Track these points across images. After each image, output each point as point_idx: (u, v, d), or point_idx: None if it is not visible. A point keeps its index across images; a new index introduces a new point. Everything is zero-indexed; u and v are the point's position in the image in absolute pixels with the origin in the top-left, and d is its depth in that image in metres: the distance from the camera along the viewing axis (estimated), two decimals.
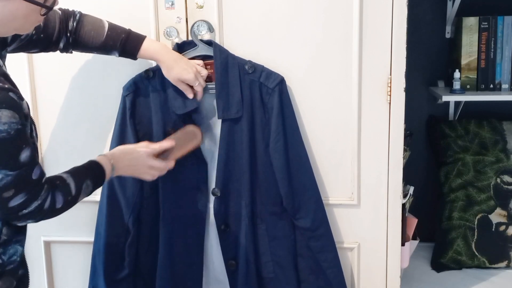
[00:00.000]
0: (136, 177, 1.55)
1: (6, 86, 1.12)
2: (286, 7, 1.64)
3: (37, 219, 1.23)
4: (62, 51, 1.55)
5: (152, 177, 1.54)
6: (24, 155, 1.15)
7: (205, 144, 1.71)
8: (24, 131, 1.15)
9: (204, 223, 1.73)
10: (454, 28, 2.27)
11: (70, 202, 1.28)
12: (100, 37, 1.53)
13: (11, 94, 1.12)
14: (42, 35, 1.46)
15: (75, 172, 1.32)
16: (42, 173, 1.21)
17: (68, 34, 1.51)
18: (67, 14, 1.51)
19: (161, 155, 1.55)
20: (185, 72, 1.57)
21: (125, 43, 1.54)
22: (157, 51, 1.57)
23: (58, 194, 1.24)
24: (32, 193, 1.18)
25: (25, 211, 1.18)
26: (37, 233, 1.83)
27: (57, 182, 1.26)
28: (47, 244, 1.89)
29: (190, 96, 1.61)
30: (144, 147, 1.51)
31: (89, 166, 1.38)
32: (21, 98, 1.15)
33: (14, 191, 1.15)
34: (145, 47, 1.55)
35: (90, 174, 1.35)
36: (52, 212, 1.24)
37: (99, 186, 1.40)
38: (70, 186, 1.28)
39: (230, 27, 1.67)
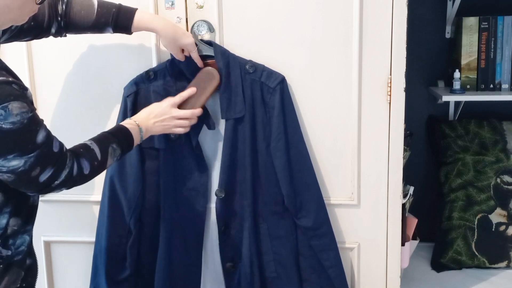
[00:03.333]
0: (169, 133, 1.55)
1: (10, 79, 1.14)
2: (286, 7, 1.64)
3: (68, 187, 1.26)
4: (55, 35, 1.54)
5: (184, 129, 1.55)
6: (40, 136, 1.18)
7: (207, 144, 1.71)
8: (35, 115, 1.18)
9: (203, 224, 1.73)
10: (454, 28, 2.27)
11: (97, 167, 1.31)
12: (91, 15, 1.52)
13: (14, 86, 1.14)
14: (32, 23, 1.45)
15: (100, 138, 1.35)
16: (61, 144, 1.24)
17: (59, 18, 1.51)
18: None
19: (186, 104, 1.56)
20: (185, 37, 1.58)
21: (117, 18, 1.53)
22: (151, 20, 1.56)
23: (84, 161, 1.27)
24: (58, 164, 1.21)
25: (57, 182, 1.22)
26: (37, 233, 1.82)
27: (80, 150, 1.29)
28: (47, 244, 1.90)
29: (182, 58, 1.61)
30: (167, 101, 1.53)
31: (114, 130, 1.40)
32: (24, 88, 1.17)
33: (40, 168, 1.18)
34: (138, 18, 1.54)
35: (115, 138, 1.37)
36: (82, 178, 1.27)
37: (129, 150, 1.42)
38: (95, 151, 1.30)
39: (230, 27, 1.67)
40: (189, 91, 1.57)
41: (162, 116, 1.51)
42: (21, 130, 1.14)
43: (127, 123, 1.44)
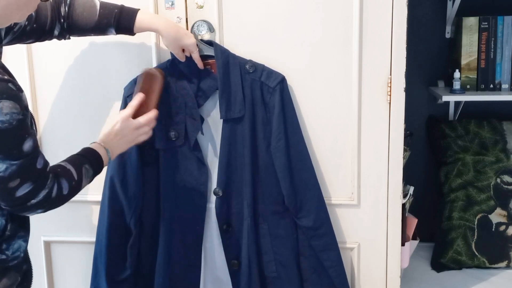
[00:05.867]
0: (135, 144, 1.52)
1: (6, 77, 1.12)
2: (286, 7, 1.64)
3: (45, 209, 1.23)
4: (58, 38, 1.54)
5: (146, 135, 1.51)
6: (27, 144, 1.15)
7: (206, 144, 1.71)
8: (25, 121, 1.15)
9: (203, 223, 1.73)
10: (454, 28, 2.27)
11: (75, 187, 1.28)
12: (93, 17, 1.51)
13: (10, 85, 1.12)
14: (35, 25, 1.45)
15: (72, 159, 1.32)
16: (46, 163, 1.22)
17: (62, 20, 1.50)
18: (58, 1, 1.50)
19: (139, 111, 1.50)
20: (186, 37, 1.58)
21: (119, 19, 1.52)
22: (153, 21, 1.56)
23: (63, 181, 1.24)
24: (38, 183, 1.18)
25: (33, 201, 1.18)
26: (37, 233, 1.83)
27: (58, 169, 1.26)
28: (47, 244, 1.90)
29: (183, 59, 1.61)
30: (123, 116, 1.48)
31: (83, 152, 1.37)
32: (20, 89, 1.14)
33: (20, 181, 1.15)
34: (140, 19, 1.53)
35: (86, 159, 1.34)
36: (59, 199, 1.24)
37: (99, 171, 1.39)
38: (71, 171, 1.28)
39: (230, 27, 1.67)
40: (137, 98, 1.52)
41: (121, 131, 1.46)
42: (9, 131, 1.11)
43: (94, 146, 1.41)
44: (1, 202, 1.18)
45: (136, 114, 1.49)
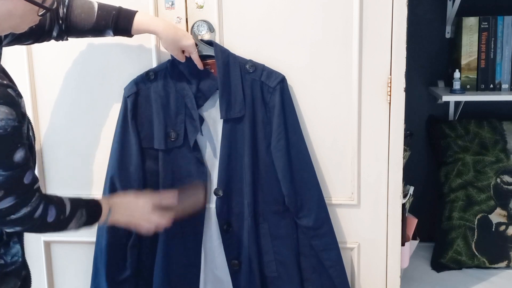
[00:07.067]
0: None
1: (5, 82, 1.11)
2: (286, 7, 1.64)
3: (25, 228, 1.19)
4: (56, 39, 1.54)
5: (147, 230, 1.51)
6: (19, 155, 1.13)
7: (206, 144, 1.71)
8: (21, 129, 1.13)
9: (202, 223, 1.72)
10: (454, 28, 2.27)
11: (62, 221, 1.25)
12: (91, 18, 1.51)
13: (9, 90, 1.11)
14: (34, 26, 1.44)
15: (73, 199, 1.31)
16: (35, 179, 1.19)
17: (60, 22, 1.50)
18: (56, 2, 1.50)
19: (162, 206, 1.52)
20: (185, 38, 1.57)
21: (117, 20, 1.52)
22: (151, 23, 1.56)
23: (52, 208, 1.21)
24: (22, 198, 1.15)
25: (13, 216, 1.15)
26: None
27: (54, 198, 1.24)
28: (47, 244, 1.89)
29: (183, 59, 1.61)
30: (146, 199, 1.48)
31: (88, 200, 1.37)
32: (19, 95, 1.13)
33: (4, 193, 1.12)
34: (138, 20, 1.53)
35: (87, 206, 1.33)
36: (42, 224, 1.20)
37: (92, 223, 1.37)
38: (66, 206, 1.26)
39: (230, 27, 1.67)
40: (171, 200, 1.53)
41: (135, 212, 1.47)
42: (2, 138, 1.09)
43: (101, 200, 1.40)
44: None
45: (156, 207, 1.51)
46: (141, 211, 1.47)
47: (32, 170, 1.18)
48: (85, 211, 1.32)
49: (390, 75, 1.64)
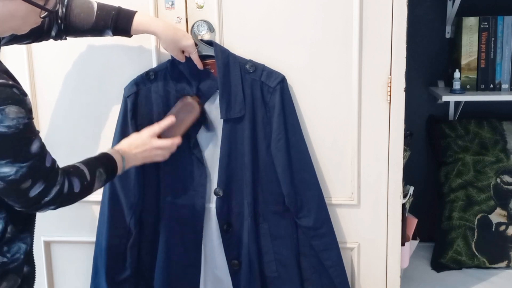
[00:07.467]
0: (150, 162, 1.56)
1: (10, 82, 1.13)
2: (286, 7, 1.64)
3: (57, 205, 1.25)
4: (55, 39, 1.54)
5: (163, 157, 1.56)
6: (35, 146, 1.17)
7: (206, 144, 1.71)
8: (31, 124, 1.17)
9: (202, 223, 1.72)
10: (454, 28, 2.27)
11: (86, 187, 1.30)
12: (90, 18, 1.51)
13: (15, 90, 1.13)
14: None
15: (88, 162, 1.35)
16: (53, 160, 1.24)
17: (59, 21, 1.50)
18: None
19: (165, 133, 1.56)
20: (184, 39, 1.58)
21: (116, 20, 1.52)
22: (151, 23, 1.56)
23: (74, 179, 1.27)
24: (49, 180, 1.21)
25: (46, 199, 1.21)
26: (37, 233, 1.81)
27: (70, 169, 1.29)
28: (47, 244, 1.90)
29: (183, 60, 1.61)
30: (148, 131, 1.53)
31: (100, 156, 1.40)
32: (24, 94, 1.16)
33: (32, 181, 1.17)
34: (137, 21, 1.53)
35: (101, 163, 1.37)
36: (71, 196, 1.26)
37: (112, 177, 1.42)
38: (84, 172, 1.30)
39: (230, 27, 1.67)
40: (169, 121, 1.57)
41: (143, 147, 1.51)
42: (16, 135, 1.13)
43: (111, 151, 1.44)
44: (15, 204, 1.20)
45: (161, 135, 1.55)
46: (150, 144, 1.52)
47: (49, 153, 1.23)
48: (103, 169, 1.36)
49: (390, 75, 1.64)
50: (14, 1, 1.13)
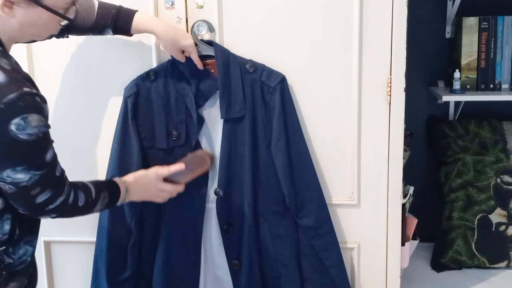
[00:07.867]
0: (149, 201, 1.59)
1: (34, 91, 1.16)
2: (286, 7, 1.64)
3: (58, 214, 1.27)
4: (57, 37, 1.55)
5: (163, 199, 1.58)
6: (49, 154, 1.20)
7: (206, 144, 1.71)
8: (48, 132, 1.20)
9: (202, 223, 1.73)
10: (454, 28, 2.27)
11: (90, 204, 1.32)
12: (91, 17, 1.52)
13: (37, 98, 1.15)
14: None
15: (94, 182, 1.38)
16: (63, 170, 1.26)
17: None
18: None
19: (172, 176, 1.58)
20: (184, 38, 1.58)
21: (116, 20, 1.53)
22: (151, 23, 1.57)
23: (81, 193, 1.29)
24: (57, 189, 1.23)
25: (51, 206, 1.23)
26: None
27: (79, 183, 1.31)
28: (47, 244, 1.90)
29: (183, 59, 1.62)
30: (156, 172, 1.55)
31: (107, 181, 1.44)
32: (45, 101, 1.18)
33: (41, 188, 1.19)
34: (137, 20, 1.54)
35: (107, 188, 1.40)
36: (74, 209, 1.28)
37: (113, 205, 1.43)
38: (91, 190, 1.33)
39: (230, 27, 1.67)
40: (178, 167, 1.58)
41: (148, 185, 1.54)
42: (35, 143, 1.15)
43: (118, 180, 1.46)
44: (20, 207, 1.22)
45: (167, 178, 1.57)
46: (154, 185, 1.54)
47: (59, 163, 1.25)
48: (107, 193, 1.38)
49: (390, 75, 1.64)
50: (37, 9, 1.16)
